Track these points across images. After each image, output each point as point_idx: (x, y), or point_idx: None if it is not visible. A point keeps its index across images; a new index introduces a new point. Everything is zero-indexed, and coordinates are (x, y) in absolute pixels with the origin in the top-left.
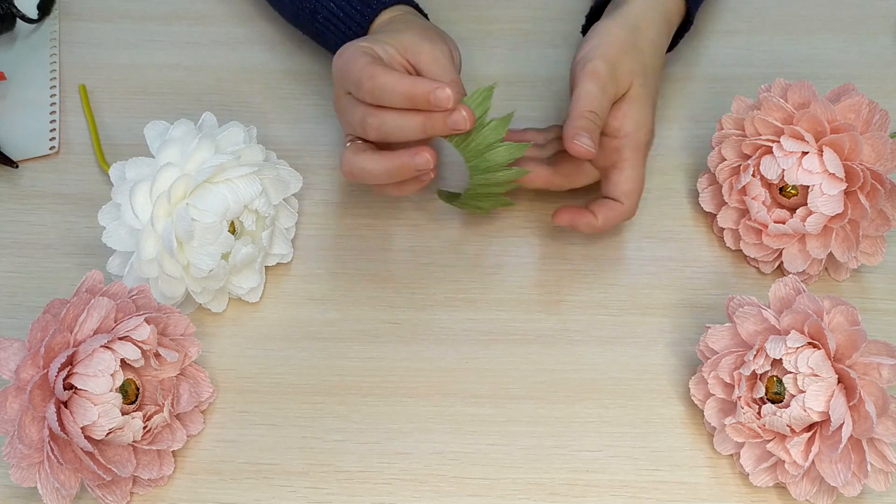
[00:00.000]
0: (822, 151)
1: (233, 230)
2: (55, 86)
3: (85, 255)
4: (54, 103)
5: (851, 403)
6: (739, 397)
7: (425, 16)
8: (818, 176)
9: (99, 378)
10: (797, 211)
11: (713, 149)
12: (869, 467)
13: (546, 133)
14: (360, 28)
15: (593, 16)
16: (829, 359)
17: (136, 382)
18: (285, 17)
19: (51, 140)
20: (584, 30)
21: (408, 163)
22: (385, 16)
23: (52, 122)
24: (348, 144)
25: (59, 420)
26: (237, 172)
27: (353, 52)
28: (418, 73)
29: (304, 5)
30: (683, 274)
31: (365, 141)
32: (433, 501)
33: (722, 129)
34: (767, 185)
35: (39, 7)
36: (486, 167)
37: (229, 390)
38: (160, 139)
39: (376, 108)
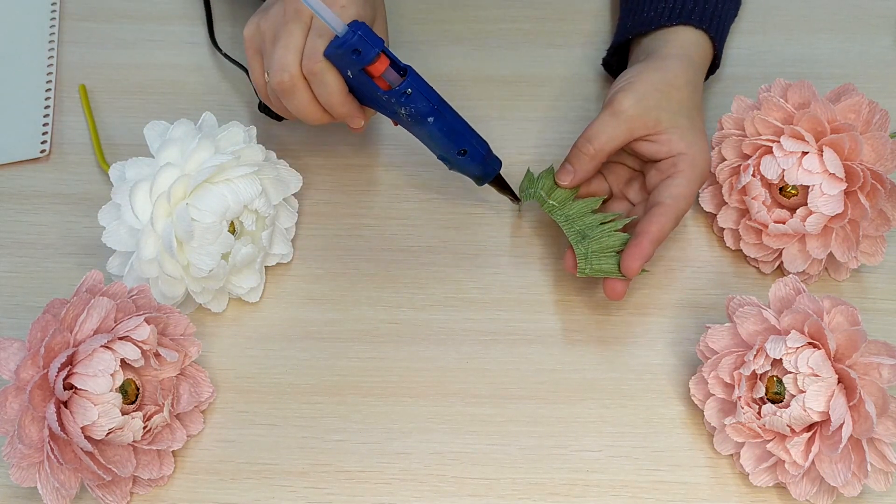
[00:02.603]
0: (822, 151)
1: (233, 230)
2: (50, 88)
3: (85, 255)
4: (48, 106)
5: (851, 403)
6: (739, 397)
7: None
8: (818, 176)
9: (99, 378)
10: (797, 211)
11: (713, 149)
12: (869, 467)
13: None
14: None
15: (615, 51)
16: (829, 359)
17: (136, 382)
18: None
19: (42, 143)
20: (605, 63)
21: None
22: None
23: (44, 124)
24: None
25: (59, 420)
26: (237, 172)
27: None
28: None
29: None
30: (683, 274)
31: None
32: (433, 501)
33: (722, 129)
34: (767, 185)
35: None
36: (600, 248)
37: (229, 390)
38: (160, 139)
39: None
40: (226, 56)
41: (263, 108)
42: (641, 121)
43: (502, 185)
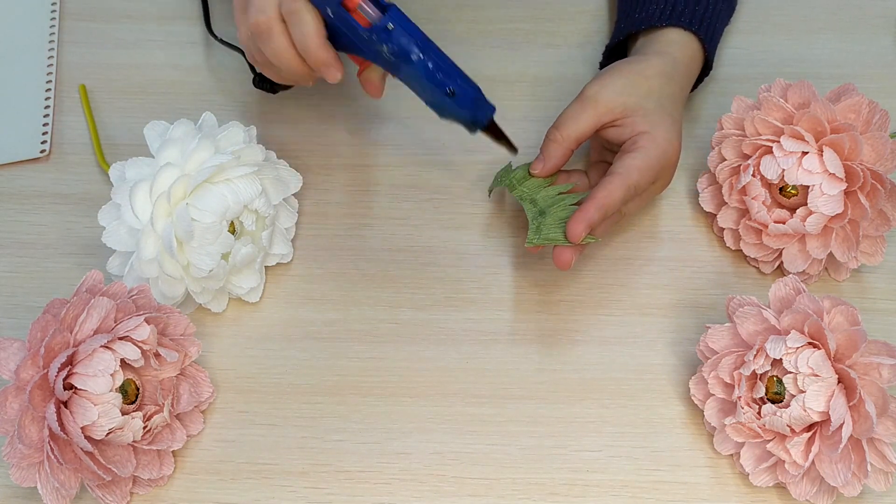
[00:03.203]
0: (822, 151)
1: (232, 230)
2: (51, 88)
3: (85, 255)
4: (48, 106)
5: (851, 403)
6: (739, 397)
7: None
8: (818, 176)
9: (99, 378)
10: (797, 211)
11: (713, 149)
12: (869, 467)
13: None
14: None
15: (610, 53)
16: (829, 359)
17: (136, 382)
18: None
19: (42, 143)
20: (602, 66)
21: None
22: None
23: (44, 124)
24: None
25: (59, 420)
26: (237, 172)
27: None
28: None
29: None
30: (683, 274)
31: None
32: (433, 501)
33: (722, 129)
34: (767, 185)
35: None
36: (553, 221)
37: (229, 390)
38: (160, 139)
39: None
40: (221, 41)
41: (259, 81)
42: (607, 107)
43: (497, 134)
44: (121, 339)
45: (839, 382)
